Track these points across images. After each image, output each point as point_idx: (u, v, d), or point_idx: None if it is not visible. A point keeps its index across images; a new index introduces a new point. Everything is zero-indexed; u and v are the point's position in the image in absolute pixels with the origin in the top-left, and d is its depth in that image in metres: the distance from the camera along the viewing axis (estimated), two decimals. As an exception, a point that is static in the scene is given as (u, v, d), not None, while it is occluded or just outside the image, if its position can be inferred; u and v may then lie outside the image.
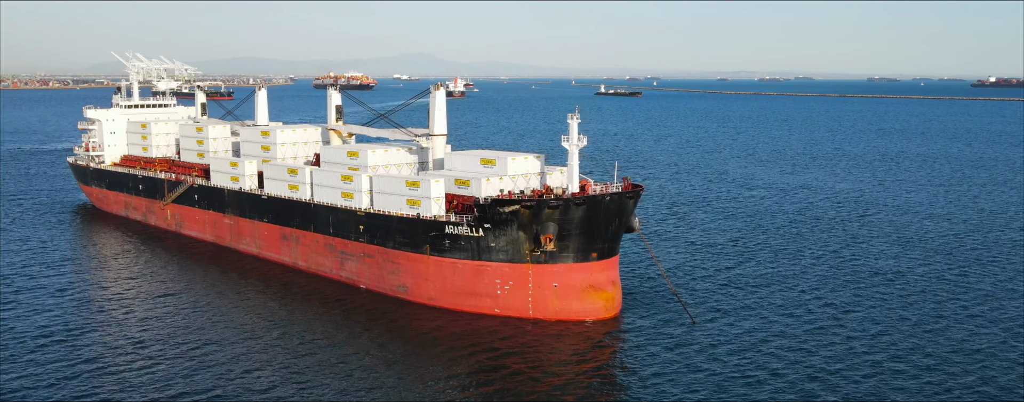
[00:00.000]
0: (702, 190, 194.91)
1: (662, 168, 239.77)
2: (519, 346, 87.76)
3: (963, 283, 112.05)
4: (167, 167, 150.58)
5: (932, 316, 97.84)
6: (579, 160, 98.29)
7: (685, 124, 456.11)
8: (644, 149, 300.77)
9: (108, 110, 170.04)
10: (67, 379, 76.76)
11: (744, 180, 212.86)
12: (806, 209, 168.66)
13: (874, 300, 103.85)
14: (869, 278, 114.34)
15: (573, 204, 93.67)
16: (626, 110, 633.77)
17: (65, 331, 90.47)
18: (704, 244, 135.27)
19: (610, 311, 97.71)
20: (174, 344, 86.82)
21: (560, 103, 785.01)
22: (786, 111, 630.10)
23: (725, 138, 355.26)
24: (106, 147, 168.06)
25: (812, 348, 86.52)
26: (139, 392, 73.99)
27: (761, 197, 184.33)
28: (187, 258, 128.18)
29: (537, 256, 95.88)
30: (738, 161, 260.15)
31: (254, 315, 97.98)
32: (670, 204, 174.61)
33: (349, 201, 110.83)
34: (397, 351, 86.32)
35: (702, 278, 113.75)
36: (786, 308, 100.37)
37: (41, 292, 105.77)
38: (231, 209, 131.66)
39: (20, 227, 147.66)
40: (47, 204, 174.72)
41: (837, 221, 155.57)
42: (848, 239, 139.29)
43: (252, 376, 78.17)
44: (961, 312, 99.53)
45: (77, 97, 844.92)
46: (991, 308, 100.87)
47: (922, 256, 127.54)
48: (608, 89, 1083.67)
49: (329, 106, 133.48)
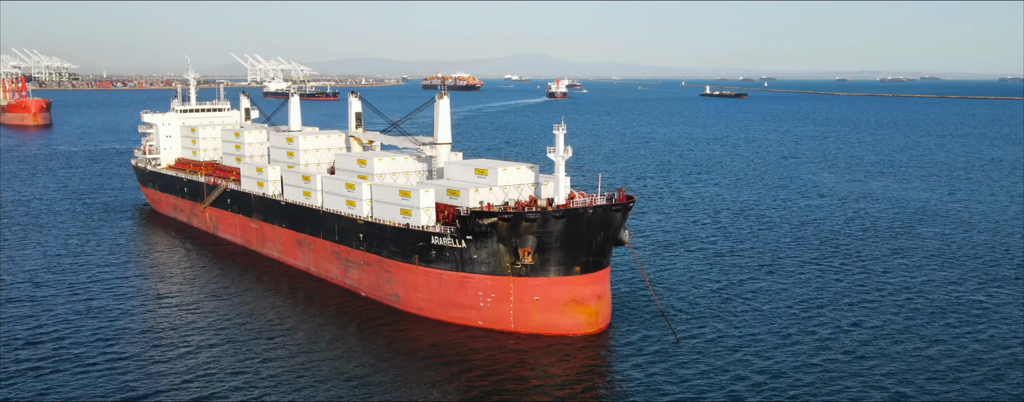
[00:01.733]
0: (753, 197, 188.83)
1: (724, 174, 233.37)
2: (487, 361, 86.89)
3: (988, 312, 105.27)
4: (211, 171, 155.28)
5: (947, 347, 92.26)
6: (565, 170, 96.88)
7: (775, 128, 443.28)
8: (715, 154, 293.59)
9: (164, 114, 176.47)
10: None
11: (805, 188, 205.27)
12: (854, 220, 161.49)
13: (888, 329, 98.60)
14: (890, 299, 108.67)
15: (552, 217, 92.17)
16: (725, 112, 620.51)
17: (51, 330, 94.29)
18: (724, 255, 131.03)
19: (593, 326, 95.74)
20: (152, 346, 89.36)
21: (659, 104, 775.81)
22: (894, 114, 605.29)
23: (811, 143, 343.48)
24: (162, 150, 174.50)
25: (792, 376, 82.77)
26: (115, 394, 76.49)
27: (812, 207, 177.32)
28: (214, 259, 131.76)
29: (518, 269, 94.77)
30: (809, 167, 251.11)
31: (245, 315, 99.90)
32: (712, 212, 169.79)
33: (352, 209, 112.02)
34: (367, 360, 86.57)
35: (706, 294, 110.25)
36: (779, 331, 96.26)
37: (57, 289, 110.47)
38: (256, 213, 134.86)
39: (74, 224, 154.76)
40: (110, 203, 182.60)
41: (879, 234, 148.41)
42: (886, 255, 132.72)
43: (213, 377, 79.72)
44: (984, 349, 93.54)
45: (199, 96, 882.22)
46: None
47: (955, 277, 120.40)
48: (713, 91, 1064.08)
49: (349, 113, 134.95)
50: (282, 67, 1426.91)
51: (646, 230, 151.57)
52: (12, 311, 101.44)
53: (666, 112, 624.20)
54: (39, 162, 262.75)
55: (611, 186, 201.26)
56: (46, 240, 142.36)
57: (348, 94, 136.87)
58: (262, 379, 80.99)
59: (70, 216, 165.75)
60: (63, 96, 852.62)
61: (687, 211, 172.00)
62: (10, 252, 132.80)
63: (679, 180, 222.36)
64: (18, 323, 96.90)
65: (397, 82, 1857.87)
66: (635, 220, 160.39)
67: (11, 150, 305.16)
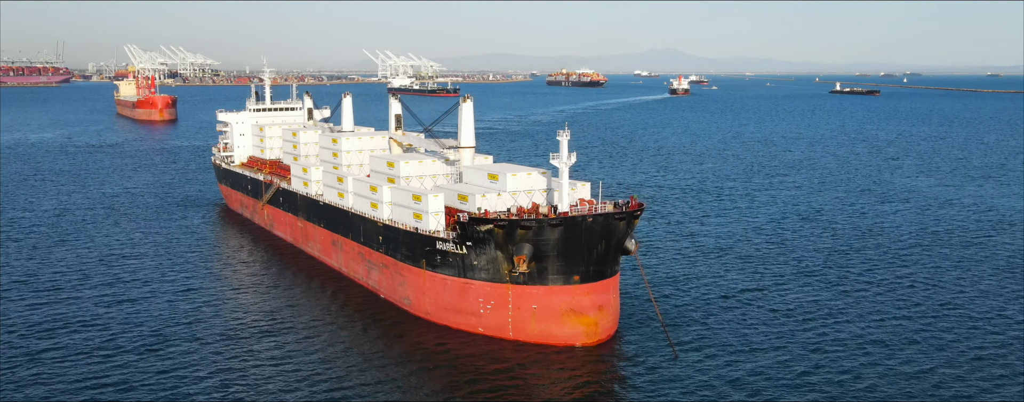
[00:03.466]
0: (828, 203, 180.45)
1: (810, 176, 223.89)
2: (470, 368, 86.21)
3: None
4: (274, 169, 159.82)
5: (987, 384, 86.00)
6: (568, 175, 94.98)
7: (893, 127, 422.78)
8: (812, 155, 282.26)
9: (238, 113, 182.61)
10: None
11: (889, 193, 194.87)
12: (924, 229, 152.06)
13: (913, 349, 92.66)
14: (924, 312, 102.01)
15: (548, 225, 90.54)
16: (848, 110, 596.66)
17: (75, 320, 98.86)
18: (767, 265, 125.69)
19: (592, 337, 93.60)
20: (149, 336, 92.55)
21: (781, 102, 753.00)
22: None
23: (923, 143, 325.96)
24: (235, 148, 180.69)
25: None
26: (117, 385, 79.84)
27: (886, 213, 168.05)
28: (261, 255, 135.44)
29: (516, 277, 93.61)
30: (905, 171, 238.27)
31: (258, 311, 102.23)
32: (778, 217, 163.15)
33: (375, 212, 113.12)
34: (355, 360, 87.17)
35: (726, 307, 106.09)
36: (789, 352, 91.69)
37: (96, 279, 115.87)
38: (301, 213, 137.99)
39: (145, 217, 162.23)
40: (190, 198, 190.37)
41: (948, 246, 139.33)
42: (950, 267, 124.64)
43: (190, 374, 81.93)
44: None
45: (323, 92, 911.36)
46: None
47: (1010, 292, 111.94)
48: (844, 87, 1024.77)
49: (389, 114, 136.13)
50: (412, 63, 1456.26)
51: (699, 235, 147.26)
52: (31, 298, 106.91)
53: (784, 110, 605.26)
54: (147, 156, 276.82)
55: (678, 190, 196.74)
56: (112, 232, 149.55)
57: (389, 96, 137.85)
58: (243, 376, 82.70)
59: (145, 209, 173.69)
60: (201, 91, 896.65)
61: (751, 216, 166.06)
62: (74, 242, 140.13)
63: (761, 182, 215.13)
64: (33, 311, 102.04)
65: (525, 78, 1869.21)
66: (687, 224, 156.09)
67: (128, 144, 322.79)
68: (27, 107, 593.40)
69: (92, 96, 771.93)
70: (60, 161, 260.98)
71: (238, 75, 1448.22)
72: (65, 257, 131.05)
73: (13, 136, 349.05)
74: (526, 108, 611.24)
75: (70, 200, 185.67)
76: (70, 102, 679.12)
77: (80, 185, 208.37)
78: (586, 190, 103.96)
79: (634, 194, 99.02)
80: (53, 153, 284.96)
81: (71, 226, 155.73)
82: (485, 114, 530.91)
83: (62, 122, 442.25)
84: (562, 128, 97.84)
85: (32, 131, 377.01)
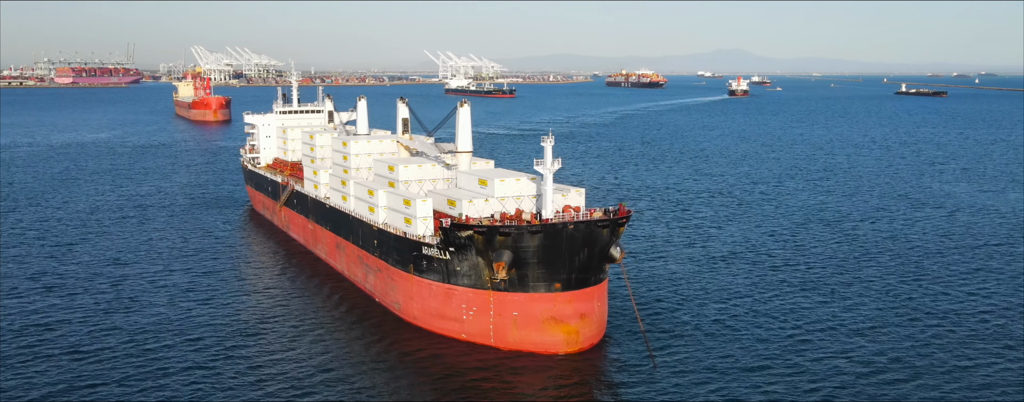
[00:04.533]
0: (856, 209, 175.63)
1: (845, 181, 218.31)
2: (441, 374, 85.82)
3: None
4: (294, 172, 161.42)
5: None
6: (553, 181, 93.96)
7: (949, 130, 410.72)
8: (853, 159, 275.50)
9: (264, 115, 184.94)
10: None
11: (920, 198, 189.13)
12: (949, 236, 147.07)
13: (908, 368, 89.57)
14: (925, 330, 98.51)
15: (527, 232, 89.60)
16: (910, 112, 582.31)
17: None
18: (776, 272, 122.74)
19: (573, 345, 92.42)
20: (136, 335, 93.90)
21: (841, 103, 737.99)
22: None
23: (975, 147, 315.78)
24: (261, 150, 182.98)
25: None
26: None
27: (913, 220, 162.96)
28: (271, 257, 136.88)
29: (497, 283, 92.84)
30: (946, 176, 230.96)
31: (250, 311, 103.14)
32: (800, 222, 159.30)
33: (372, 216, 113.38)
34: (336, 364, 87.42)
35: (721, 316, 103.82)
36: (773, 362, 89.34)
37: (106, 278, 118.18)
38: (312, 215, 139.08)
39: (170, 217, 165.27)
40: (219, 199, 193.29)
41: (971, 255, 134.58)
42: (965, 275, 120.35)
43: (167, 372, 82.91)
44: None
45: (381, 93, 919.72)
46: None
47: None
48: (909, 88, 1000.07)
49: (397, 118, 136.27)
50: (473, 64, 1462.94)
51: (713, 239, 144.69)
52: (30, 296, 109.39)
53: (842, 112, 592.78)
54: (190, 157, 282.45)
55: (701, 195, 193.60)
56: (132, 231, 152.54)
57: (397, 100, 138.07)
58: (211, 375, 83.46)
59: (172, 210, 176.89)
60: (263, 92, 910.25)
61: (773, 221, 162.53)
62: (93, 240, 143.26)
63: (793, 186, 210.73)
64: (26, 308, 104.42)
65: (586, 79, 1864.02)
66: (705, 228, 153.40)
67: (176, 144, 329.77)
68: (92, 108, 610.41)
69: (156, 97, 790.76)
70: (106, 161, 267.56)
71: (301, 76, 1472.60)
72: (79, 255, 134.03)
73: (69, 136, 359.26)
74: (577, 109, 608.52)
75: (103, 199, 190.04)
76: (134, 103, 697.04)
77: (117, 185, 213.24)
78: (580, 196, 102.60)
79: (623, 201, 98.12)
80: (102, 153, 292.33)
81: (96, 225, 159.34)
82: (534, 115, 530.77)
83: (120, 122, 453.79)
84: (546, 134, 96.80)
85: (89, 131, 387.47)
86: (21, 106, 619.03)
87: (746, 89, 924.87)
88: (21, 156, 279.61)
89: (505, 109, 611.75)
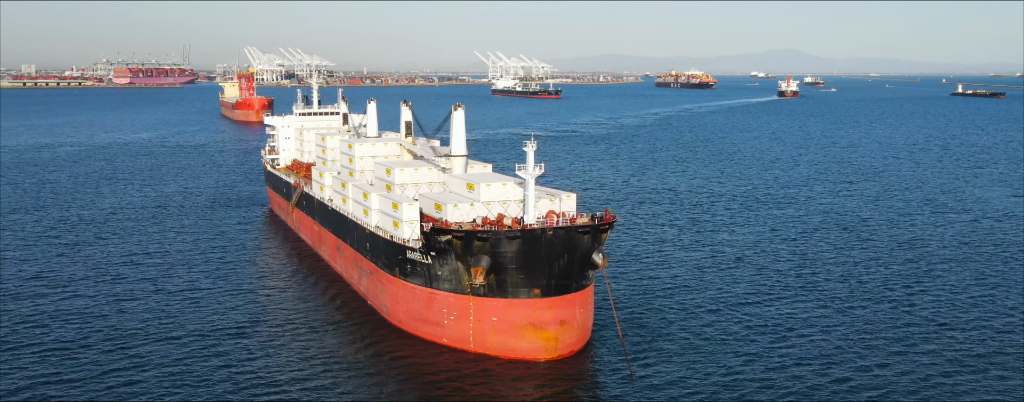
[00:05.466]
0: (879, 214, 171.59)
1: (874, 185, 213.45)
2: (411, 379, 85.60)
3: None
4: (307, 173, 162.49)
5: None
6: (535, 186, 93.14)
7: (999, 133, 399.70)
8: (889, 162, 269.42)
9: (284, 117, 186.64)
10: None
11: (953, 204, 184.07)
12: (969, 243, 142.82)
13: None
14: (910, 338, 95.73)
15: (505, 237, 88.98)
16: (962, 114, 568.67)
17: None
18: (783, 279, 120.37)
19: (551, 352, 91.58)
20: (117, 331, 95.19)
21: (892, 105, 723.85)
22: None
23: (1019, 152, 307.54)
24: (281, 151, 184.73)
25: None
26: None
27: (937, 223, 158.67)
28: (278, 257, 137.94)
29: (477, 289, 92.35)
30: (984, 180, 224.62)
31: (239, 312, 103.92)
32: (815, 225, 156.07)
33: (366, 218, 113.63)
34: (308, 365, 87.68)
35: (716, 324, 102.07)
36: (752, 374, 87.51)
37: (107, 276, 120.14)
38: (317, 216, 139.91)
39: (187, 217, 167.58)
40: (240, 199, 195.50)
41: (980, 257, 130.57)
42: (967, 284, 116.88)
43: (143, 371, 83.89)
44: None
45: (428, 94, 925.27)
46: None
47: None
48: (966, 89, 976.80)
49: (400, 121, 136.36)
50: (523, 64, 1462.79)
51: (725, 244, 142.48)
52: (31, 294, 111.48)
53: (890, 113, 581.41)
54: (223, 157, 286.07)
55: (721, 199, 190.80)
56: (148, 231, 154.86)
57: (401, 103, 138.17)
58: (187, 374, 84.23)
59: (192, 210, 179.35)
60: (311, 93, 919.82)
61: (789, 225, 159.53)
62: (109, 239, 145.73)
63: (820, 189, 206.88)
64: (25, 306, 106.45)
65: (636, 79, 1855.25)
66: (719, 233, 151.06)
67: (213, 144, 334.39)
68: (141, 108, 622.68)
69: (205, 97, 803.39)
70: (140, 161, 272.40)
71: (351, 76, 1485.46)
72: (89, 255, 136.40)
73: (112, 136, 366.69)
74: (620, 110, 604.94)
75: (128, 199, 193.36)
76: (184, 103, 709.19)
77: (146, 184, 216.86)
78: (571, 201, 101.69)
79: (608, 207, 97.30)
80: (140, 153, 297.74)
81: (114, 225, 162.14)
82: (575, 116, 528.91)
83: (166, 122, 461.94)
84: (528, 139, 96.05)
85: (132, 131, 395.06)
86: (74, 106, 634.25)
87: (795, 90, 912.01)
88: (62, 156, 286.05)
89: (548, 110, 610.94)
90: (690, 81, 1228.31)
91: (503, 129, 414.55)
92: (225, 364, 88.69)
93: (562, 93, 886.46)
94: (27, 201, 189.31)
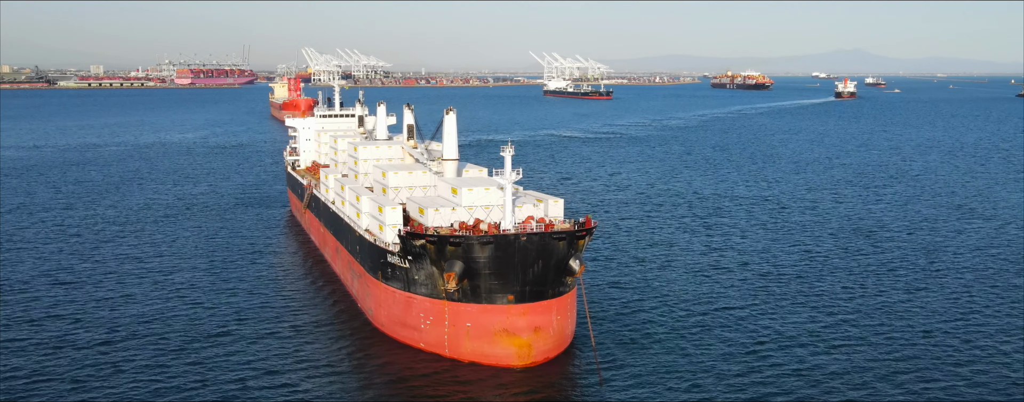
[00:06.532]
0: (902, 219, 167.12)
1: (911, 189, 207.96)
2: (380, 382, 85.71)
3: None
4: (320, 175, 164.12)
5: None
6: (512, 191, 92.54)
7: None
8: (930, 165, 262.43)
9: (305, 119, 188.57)
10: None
11: (983, 209, 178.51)
12: (983, 249, 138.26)
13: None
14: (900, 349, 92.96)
15: (478, 243, 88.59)
16: (1018, 116, 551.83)
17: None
18: (778, 284, 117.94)
19: (524, 359, 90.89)
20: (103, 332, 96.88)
21: (951, 106, 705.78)
22: None
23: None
24: (301, 153, 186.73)
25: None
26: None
27: (963, 230, 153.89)
28: (284, 258, 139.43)
29: (451, 293, 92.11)
30: (1016, 185, 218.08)
31: (230, 312, 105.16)
32: (833, 230, 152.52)
33: (358, 221, 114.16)
34: (282, 366, 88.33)
35: (708, 328, 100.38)
36: (723, 376, 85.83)
37: (110, 276, 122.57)
38: (322, 218, 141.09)
39: (206, 217, 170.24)
40: (262, 200, 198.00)
41: (995, 264, 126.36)
42: (968, 291, 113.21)
43: (125, 371, 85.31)
44: None
45: (483, 94, 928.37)
46: None
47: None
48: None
49: (403, 124, 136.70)
50: (578, 65, 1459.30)
51: (734, 249, 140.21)
52: (34, 293, 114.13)
53: (947, 114, 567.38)
54: (259, 157, 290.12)
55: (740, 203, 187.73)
56: (166, 230, 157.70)
57: (403, 107, 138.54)
58: (166, 374, 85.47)
59: (214, 210, 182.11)
60: (367, 92, 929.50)
61: (807, 231, 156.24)
62: (126, 238, 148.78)
63: (848, 193, 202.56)
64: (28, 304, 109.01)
65: (694, 80, 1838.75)
66: (732, 238, 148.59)
67: (254, 145, 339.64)
68: (195, 108, 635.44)
69: (259, 98, 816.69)
70: (179, 161, 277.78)
71: (408, 76, 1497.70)
72: (103, 253, 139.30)
73: (158, 136, 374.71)
74: (668, 112, 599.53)
75: (157, 198, 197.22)
76: (238, 103, 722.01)
77: (176, 184, 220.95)
78: (558, 206, 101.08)
79: (589, 214, 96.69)
80: (179, 153, 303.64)
81: (136, 224, 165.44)
82: (621, 118, 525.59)
83: (215, 122, 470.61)
84: (506, 144, 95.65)
85: (178, 132, 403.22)
86: (132, 107, 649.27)
87: (853, 91, 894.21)
88: (103, 156, 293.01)
89: (596, 111, 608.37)
90: (746, 82, 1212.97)
91: (543, 131, 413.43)
92: (196, 362, 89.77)
93: (614, 94, 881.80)
94: (58, 200, 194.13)
